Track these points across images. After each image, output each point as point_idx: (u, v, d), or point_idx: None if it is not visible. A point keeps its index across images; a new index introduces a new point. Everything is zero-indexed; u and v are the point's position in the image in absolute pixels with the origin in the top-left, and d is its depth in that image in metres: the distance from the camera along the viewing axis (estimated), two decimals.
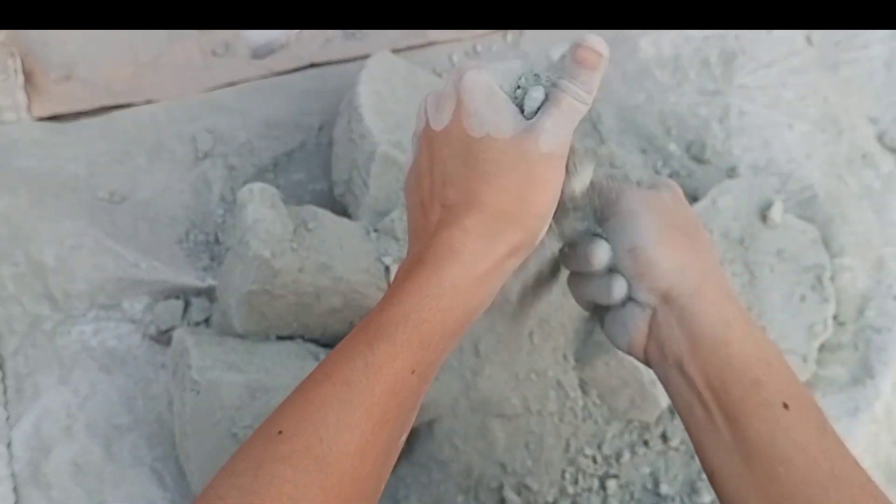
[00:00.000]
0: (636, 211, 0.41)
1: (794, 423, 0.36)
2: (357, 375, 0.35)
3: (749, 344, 0.38)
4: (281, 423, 0.34)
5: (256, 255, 0.55)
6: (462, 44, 0.77)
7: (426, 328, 0.36)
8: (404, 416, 0.37)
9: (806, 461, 0.35)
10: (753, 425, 0.37)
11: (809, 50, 0.79)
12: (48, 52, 0.72)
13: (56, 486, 0.60)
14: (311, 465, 0.32)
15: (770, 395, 0.37)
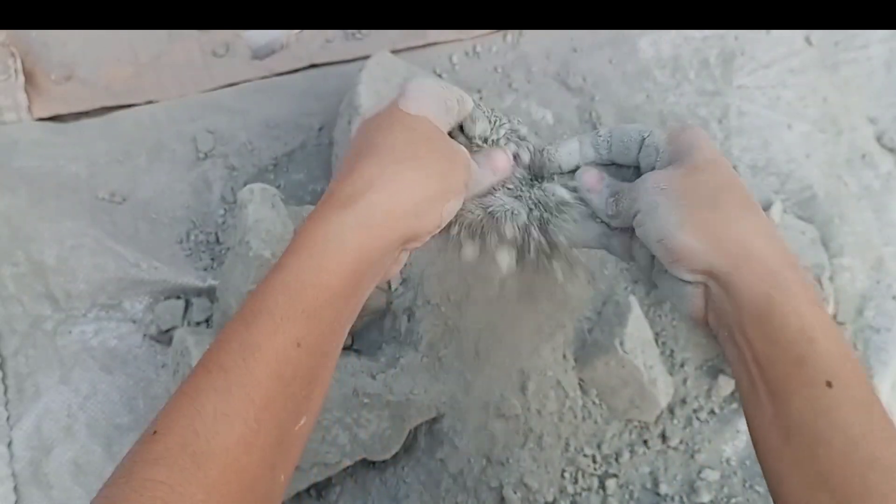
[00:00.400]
0: (655, 202, 0.40)
1: (836, 402, 0.35)
2: (233, 358, 0.32)
3: (793, 319, 0.36)
4: (157, 423, 0.31)
5: (257, 255, 0.55)
6: (462, 44, 0.77)
7: (310, 294, 0.34)
8: (297, 397, 0.33)
9: (845, 442, 0.34)
10: (795, 403, 0.36)
11: (809, 50, 0.79)
12: (48, 53, 0.73)
13: (57, 485, 0.60)
14: (187, 464, 0.29)
15: (813, 374, 0.35)
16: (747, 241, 0.38)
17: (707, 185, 0.40)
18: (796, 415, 0.35)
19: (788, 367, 0.36)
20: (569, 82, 0.77)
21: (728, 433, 0.66)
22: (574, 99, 0.77)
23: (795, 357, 0.36)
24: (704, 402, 0.67)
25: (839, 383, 0.35)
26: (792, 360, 0.36)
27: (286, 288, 0.34)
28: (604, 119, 0.76)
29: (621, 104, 0.76)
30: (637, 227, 0.41)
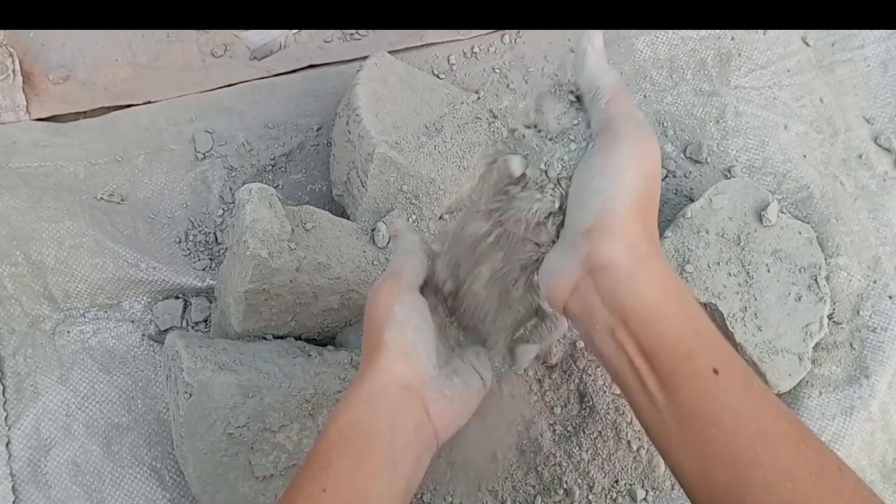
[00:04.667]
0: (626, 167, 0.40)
1: (723, 386, 0.38)
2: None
3: (682, 318, 0.39)
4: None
5: (254, 255, 0.56)
6: (460, 44, 0.77)
7: (322, 453, 0.42)
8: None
9: (734, 421, 0.37)
10: (686, 392, 0.38)
11: (805, 50, 0.79)
12: (47, 53, 0.73)
13: (55, 485, 0.60)
14: None
15: (701, 364, 0.38)
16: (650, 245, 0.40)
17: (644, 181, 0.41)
18: (688, 402, 0.38)
19: (678, 362, 0.39)
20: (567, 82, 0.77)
21: None
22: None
23: (685, 352, 0.39)
24: None
25: (724, 369, 0.38)
26: (682, 355, 0.39)
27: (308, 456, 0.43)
28: None
29: None
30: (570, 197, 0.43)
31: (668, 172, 0.74)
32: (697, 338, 0.39)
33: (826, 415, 0.65)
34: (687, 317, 0.39)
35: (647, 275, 0.39)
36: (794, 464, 0.37)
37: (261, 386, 0.55)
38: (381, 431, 0.42)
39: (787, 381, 0.64)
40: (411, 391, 0.44)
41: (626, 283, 0.39)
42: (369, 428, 0.43)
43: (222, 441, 0.54)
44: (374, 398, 0.43)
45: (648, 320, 0.39)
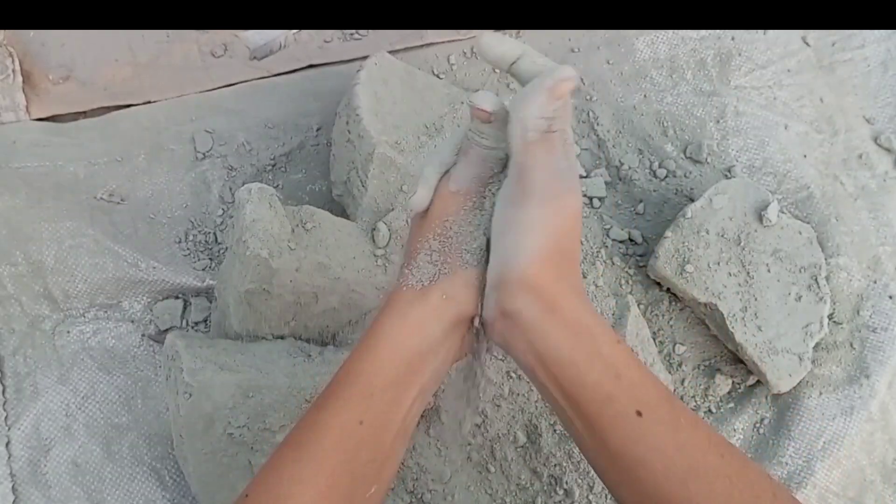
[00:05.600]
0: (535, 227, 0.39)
1: (648, 428, 0.38)
2: (306, 435, 0.39)
3: (597, 361, 0.39)
4: (248, 488, 0.39)
5: (254, 255, 0.56)
6: (460, 44, 0.77)
7: (364, 379, 0.40)
8: (364, 468, 0.39)
9: (663, 461, 0.37)
10: (611, 435, 0.39)
11: (805, 50, 0.79)
12: (47, 53, 0.73)
13: (55, 485, 0.60)
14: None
15: (622, 407, 0.38)
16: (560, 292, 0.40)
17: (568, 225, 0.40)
18: (614, 444, 0.39)
19: (599, 406, 0.39)
20: None
21: (725, 432, 0.66)
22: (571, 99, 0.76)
23: (604, 395, 0.39)
24: (701, 402, 0.67)
25: (647, 411, 0.38)
26: (602, 399, 0.39)
27: (347, 375, 0.41)
28: (601, 119, 0.76)
29: (618, 104, 0.76)
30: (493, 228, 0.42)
31: (669, 172, 0.74)
32: (617, 381, 0.39)
33: (826, 415, 0.65)
34: (603, 362, 0.39)
35: (555, 324, 0.39)
36: (727, 498, 0.37)
37: (261, 386, 0.55)
38: (426, 363, 0.42)
39: (788, 381, 0.64)
40: (461, 324, 0.43)
41: (534, 332, 0.40)
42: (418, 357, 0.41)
43: (222, 441, 0.54)
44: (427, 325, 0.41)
45: (562, 365, 0.39)
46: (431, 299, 0.42)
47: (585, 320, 0.40)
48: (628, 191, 0.74)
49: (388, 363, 0.40)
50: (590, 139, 0.76)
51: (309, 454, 0.38)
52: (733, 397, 0.67)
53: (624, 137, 0.76)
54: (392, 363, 0.41)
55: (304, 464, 0.38)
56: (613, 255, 0.70)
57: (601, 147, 0.75)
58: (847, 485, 0.65)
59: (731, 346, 0.66)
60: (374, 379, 0.40)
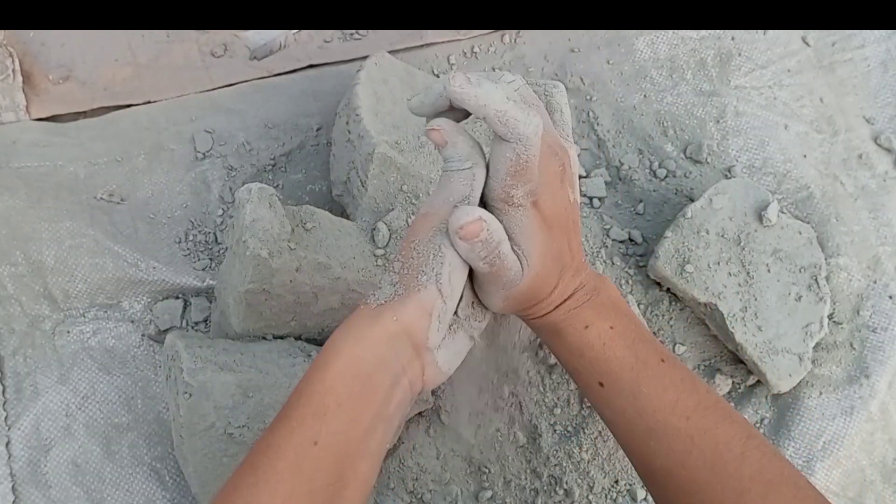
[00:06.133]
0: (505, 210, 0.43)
1: (610, 396, 0.47)
2: (259, 458, 0.38)
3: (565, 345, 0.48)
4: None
5: (254, 255, 0.56)
6: (460, 44, 0.77)
7: (316, 399, 0.39)
8: (322, 490, 0.38)
9: (625, 423, 0.46)
10: (588, 398, 0.49)
11: (805, 50, 0.79)
12: (47, 53, 0.73)
13: (55, 485, 0.60)
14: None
15: (587, 379, 0.48)
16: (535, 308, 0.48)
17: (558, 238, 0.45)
18: (591, 403, 0.49)
19: (572, 375, 0.50)
20: (566, 83, 0.77)
21: None
22: (571, 99, 0.77)
23: (572, 368, 0.49)
24: None
25: (608, 382, 0.46)
26: (571, 371, 0.49)
27: (300, 395, 0.40)
28: (601, 119, 0.76)
29: (618, 104, 0.76)
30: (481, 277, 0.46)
31: (669, 172, 0.74)
32: (580, 359, 0.47)
33: (826, 415, 0.65)
34: (567, 346, 0.48)
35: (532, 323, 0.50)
36: (686, 454, 0.43)
37: (261, 386, 0.55)
38: (381, 385, 0.41)
39: (788, 381, 0.64)
40: (417, 350, 0.43)
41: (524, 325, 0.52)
42: (372, 378, 0.40)
43: (222, 441, 0.54)
44: (383, 346, 0.41)
45: (550, 340, 0.49)
46: (383, 320, 0.41)
47: (552, 322, 0.48)
48: (628, 191, 0.74)
49: (340, 381, 0.40)
50: (590, 139, 0.76)
51: (264, 477, 0.37)
52: (733, 397, 0.67)
53: (624, 137, 0.76)
54: (344, 381, 0.40)
55: (259, 488, 0.37)
56: (613, 255, 0.70)
57: (601, 147, 0.75)
58: (847, 485, 0.65)
59: (731, 346, 0.66)
60: (325, 398, 0.39)
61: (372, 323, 0.41)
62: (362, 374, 0.40)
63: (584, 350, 0.47)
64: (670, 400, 0.45)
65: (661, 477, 0.44)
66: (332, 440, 0.38)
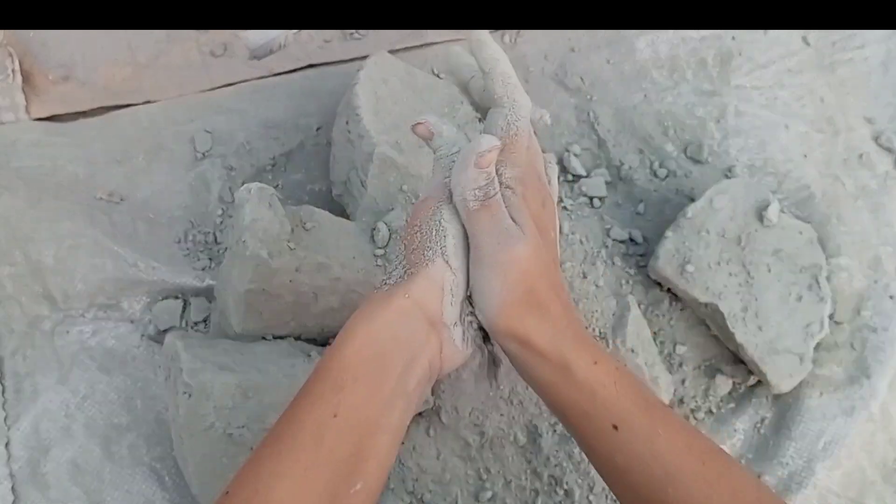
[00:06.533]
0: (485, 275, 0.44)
1: (624, 439, 0.42)
2: (282, 430, 0.40)
3: (572, 385, 0.43)
4: (229, 485, 0.39)
5: (254, 255, 0.56)
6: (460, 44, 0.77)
7: (334, 374, 0.40)
8: (344, 461, 0.39)
9: (641, 469, 0.41)
10: (594, 448, 0.44)
11: (806, 50, 0.79)
12: (46, 53, 0.73)
13: (55, 485, 0.60)
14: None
15: (600, 423, 0.43)
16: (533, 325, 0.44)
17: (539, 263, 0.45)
18: (600, 456, 0.43)
19: (578, 421, 0.44)
20: (566, 82, 0.77)
21: (725, 432, 0.66)
22: (572, 99, 0.77)
23: (582, 412, 0.43)
24: (702, 402, 0.67)
25: (623, 425, 0.42)
26: (580, 415, 0.44)
27: (317, 372, 0.41)
28: (601, 119, 0.76)
29: (619, 104, 0.76)
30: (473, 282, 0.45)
31: (669, 172, 0.74)
32: (592, 400, 0.43)
33: (827, 415, 0.65)
34: (577, 385, 0.43)
35: (533, 356, 0.44)
36: (706, 500, 0.40)
37: (260, 386, 0.55)
38: (397, 361, 0.42)
39: (788, 382, 0.64)
40: (434, 328, 0.44)
41: (520, 364, 0.45)
42: (388, 355, 0.42)
43: (222, 441, 0.54)
44: (397, 324, 0.42)
45: (546, 388, 0.45)
46: (395, 299, 0.43)
47: (560, 350, 0.44)
48: (629, 191, 0.74)
49: (357, 358, 0.41)
50: (590, 139, 0.76)
51: (286, 448, 0.38)
52: (734, 397, 0.67)
53: (624, 137, 0.75)
54: (360, 358, 0.41)
55: (281, 457, 0.38)
56: (614, 255, 0.70)
57: (601, 147, 0.75)
58: (848, 485, 0.65)
59: (731, 346, 0.66)
60: (342, 374, 0.40)
61: (384, 303, 0.42)
62: (378, 352, 0.41)
63: (597, 388, 0.43)
64: (685, 442, 0.42)
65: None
66: (352, 413, 0.39)
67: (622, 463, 0.42)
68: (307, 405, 0.40)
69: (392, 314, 0.42)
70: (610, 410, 0.43)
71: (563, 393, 0.44)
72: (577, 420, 0.44)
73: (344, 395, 0.40)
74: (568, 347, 0.44)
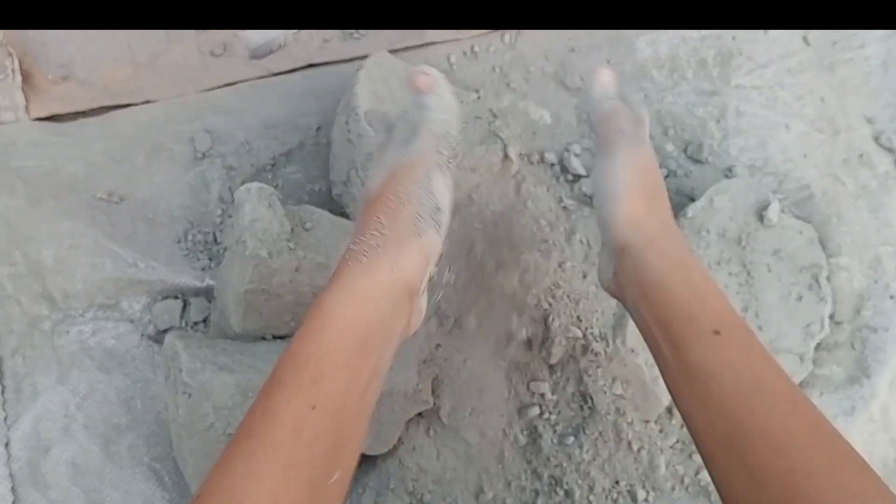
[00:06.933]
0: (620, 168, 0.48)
1: (723, 345, 0.42)
2: (256, 425, 0.36)
3: (686, 287, 0.45)
4: (200, 489, 0.35)
5: (253, 255, 0.55)
6: (460, 44, 0.77)
7: (313, 363, 0.38)
8: (325, 455, 0.36)
9: (733, 375, 0.41)
10: (691, 351, 0.43)
11: (806, 50, 0.79)
12: (46, 53, 0.73)
13: (54, 485, 0.60)
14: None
15: (702, 325, 0.43)
16: (661, 227, 0.47)
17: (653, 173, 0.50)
18: (694, 359, 0.42)
19: (683, 324, 0.44)
20: (567, 82, 0.77)
21: None
22: (572, 99, 0.77)
23: (688, 315, 0.44)
24: None
25: (724, 331, 0.42)
26: (686, 318, 0.44)
27: (294, 358, 0.38)
28: None
29: None
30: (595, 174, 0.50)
31: (669, 172, 0.74)
32: (700, 303, 0.44)
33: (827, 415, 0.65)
34: (690, 285, 0.45)
35: (655, 252, 0.46)
36: (788, 416, 0.39)
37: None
38: (376, 338, 0.40)
39: None
40: (411, 297, 0.42)
41: (640, 261, 0.46)
42: (370, 336, 0.40)
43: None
44: (382, 300, 0.40)
45: (659, 289, 0.45)
46: (380, 271, 0.40)
47: (680, 253, 0.46)
48: None
49: (338, 343, 0.39)
50: (590, 139, 0.76)
51: (262, 446, 0.35)
52: None
53: None
54: (342, 343, 0.39)
55: (257, 456, 0.35)
56: None
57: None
58: None
59: None
60: (322, 362, 0.38)
61: (366, 277, 0.40)
62: (361, 336, 0.39)
63: (707, 297, 0.44)
64: (775, 364, 0.42)
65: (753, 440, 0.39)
66: (331, 403, 0.37)
67: (715, 368, 0.41)
68: (283, 398, 0.37)
69: (377, 292, 0.40)
70: (714, 317, 0.43)
71: (674, 295, 0.44)
72: (682, 323, 0.43)
73: (323, 384, 0.37)
74: (684, 254, 0.46)
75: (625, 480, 0.63)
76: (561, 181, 0.73)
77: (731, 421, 0.40)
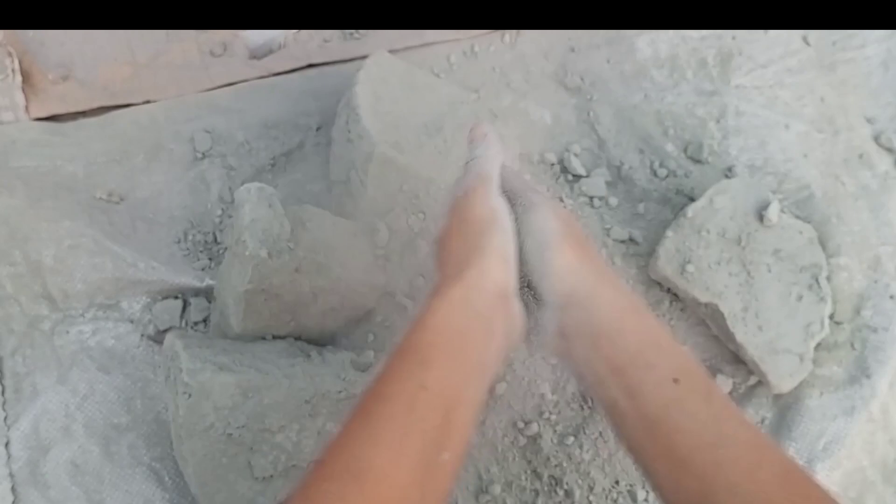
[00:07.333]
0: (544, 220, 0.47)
1: (683, 395, 0.42)
2: (370, 403, 0.40)
3: (641, 331, 0.44)
4: (324, 452, 0.39)
5: (253, 255, 0.55)
6: (460, 44, 0.77)
7: (422, 350, 0.41)
8: (433, 430, 0.39)
9: (696, 427, 0.41)
10: (650, 401, 0.42)
11: (806, 50, 0.79)
12: (46, 52, 0.73)
13: (54, 485, 0.60)
14: (349, 479, 0.37)
15: (661, 374, 0.42)
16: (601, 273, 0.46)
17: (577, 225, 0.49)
18: (653, 410, 0.42)
19: (640, 372, 0.43)
20: (567, 82, 0.77)
21: None
22: (572, 99, 0.77)
23: (645, 362, 0.43)
24: None
25: (684, 379, 0.42)
26: (643, 365, 0.43)
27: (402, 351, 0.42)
28: (601, 119, 0.76)
29: (619, 104, 0.76)
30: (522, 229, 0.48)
31: (669, 172, 0.74)
32: (657, 350, 0.43)
33: (827, 415, 0.65)
34: (645, 331, 0.44)
35: (604, 298, 0.45)
36: (756, 467, 0.39)
37: (260, 386, 0.55)
38: (475, 334, 0.43)
39: (788, 382, 0.64)
40: (505, 298, 0.45)
41: (589, 308, 0.45)
42: (465, 330, 0.43)
43: (221, 442, 0.54)
44: (470, 299, 0.43)
45: (612, 336, 0.44)
46: (469, 278, 0.44)
47: (629, 297, 0.46)
48: (629, 190, 0.74)
49: (441, 337, 0.42)
50: (590, 139, 0.76)
51: (378, 419, 0.39)
52: (734, 398, 0.67)
53: (624, 137, 0.75)
54: (444, 336, 0.42)
55: (375, 427, 0.39)
56: (614, 256, 0.70)
57: (601, 147, 0.75)
58: (848, 485, 0.65)
59: (731, 346, 0.66)
60: (429, 350, 0.41)
61: (458, 285, 0.44)
62: (459, 329, 0.42)
63: (663, 342, 0.44)
64: (736, 410, 0.42)
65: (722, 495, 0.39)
66: (439, 385, 0.40)
67: (676, 419, 0.41)
68: (395, 380, 0.41)
69: (469, 294, 0.43)
70: (673, 363, 0.43)
71: (630, 341, 0.44)
72: (640, 371, 0.43)
73: (432, 369, 0.41)
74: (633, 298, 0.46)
75: (625, 480, 0.63)
76: (561, 181, 0.73)
77: (699, 476, 0.40)
